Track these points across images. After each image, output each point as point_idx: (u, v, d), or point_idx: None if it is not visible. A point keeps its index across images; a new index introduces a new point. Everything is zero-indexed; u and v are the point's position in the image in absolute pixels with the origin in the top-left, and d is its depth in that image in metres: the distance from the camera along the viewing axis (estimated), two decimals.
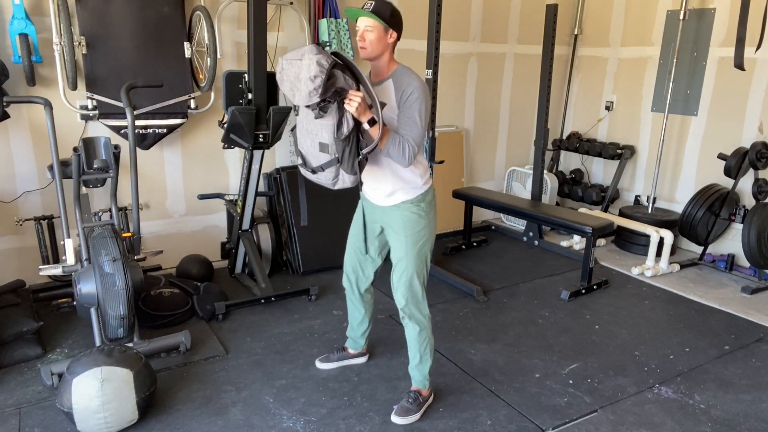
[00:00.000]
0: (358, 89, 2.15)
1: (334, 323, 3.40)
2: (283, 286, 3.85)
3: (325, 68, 2.03)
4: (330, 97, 2.10)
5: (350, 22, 4.23)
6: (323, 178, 2.30)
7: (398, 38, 2.33)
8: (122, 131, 3.57)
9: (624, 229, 4.76)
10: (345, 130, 2.15)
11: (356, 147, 2.20)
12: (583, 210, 4.95)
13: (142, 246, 3.30)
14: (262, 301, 3.61)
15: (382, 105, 2.27)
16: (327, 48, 2.18)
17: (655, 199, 4.82)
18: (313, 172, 2.32)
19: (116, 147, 3.07)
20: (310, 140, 2.26)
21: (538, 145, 4.78)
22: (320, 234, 4.15)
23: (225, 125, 3.35)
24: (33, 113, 3.47)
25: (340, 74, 2.11)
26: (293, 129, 2.38)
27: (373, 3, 2.25)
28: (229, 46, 3.98)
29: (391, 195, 2.42)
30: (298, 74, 2.08)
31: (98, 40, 3.44)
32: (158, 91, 3.53)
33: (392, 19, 2.27)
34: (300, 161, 2.37)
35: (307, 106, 2.15)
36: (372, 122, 2.16)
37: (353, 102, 2.10)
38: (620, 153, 5.17)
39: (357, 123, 2.17)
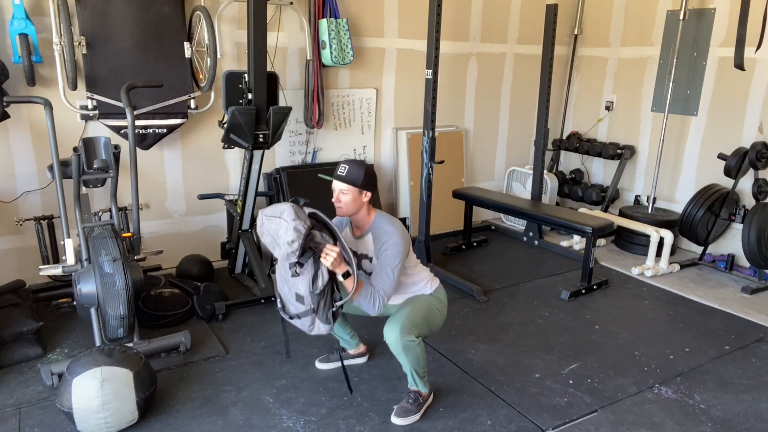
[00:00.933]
0: (335, 244, 2.26)
1: None
2: None
3: (302, 234, 2.14)
4: (306, 255, 2.22)
5: (350, 22, 4.23)
6: (299, 324, 2.39)
7: (373, 194, 2.46)
8: (122, 131, 3.57)
9: (624, 229, 4.76)
10: (320, 283, 2.25)
11: (331, 299, 2.30)
12: (583, 210, 4.95)
13: (142, 246, 3.30)
14: (262, 301, 3.61)
15: (364, 257, 2.45)
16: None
17: (655, 199, 4.82)
18: (291, 318, 2.41)
19: (116, 147, 3.07)
20: (287, 288, 2.36)
21: (538, 145, 4.78)
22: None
23: (225, 125, 3.35)
24: (33, 113, 3.47)
25: (317, 233, 2.24)
26: (271, 272, 2.51)
27: (347, 168, 2.38)
28: (229, 46, 3.98)
29: (401, 298, 2.59)
30: (277, 231, 2.20)
31: (98, 40, 3.44)
32: (158, 91, 3.53)
33: (365, 182, 2.39)
34: (279, 305, 2.44)
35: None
36: (346, 275, 2.27)
37: (329, 256, 2.20)
38: (620, 153, 5.17)
39: (332, 275, 2.28)
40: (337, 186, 2.40)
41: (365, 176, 2.39)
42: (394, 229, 2.40)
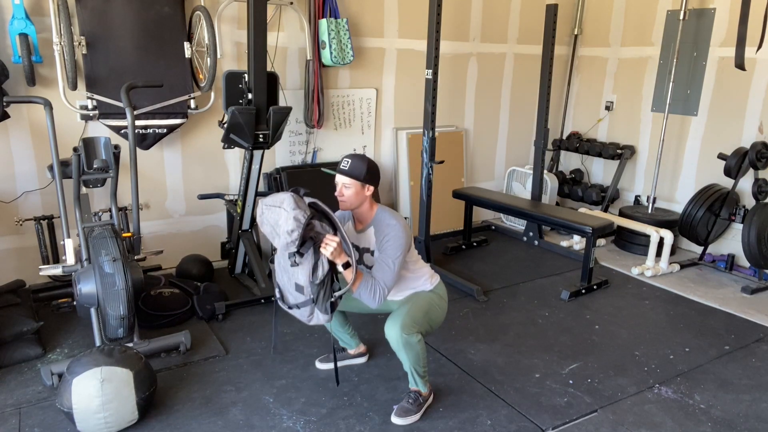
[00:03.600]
0: (335, 234, 2.26)
1: None
2: None
3: (301, 223, 2.14)
4: (306, 245, 2.21)
5: (350, 22, 4.23)
6: (299, 314, 2.38)
7: (376, 188, 2.46)
8: (122, 131, 3.57)
9: (624, 229, 4.76)
10: (320, 273, 2.25)
11: (330, 289, 2.29)
12: (583, 210, 4.95)
13: (142, 246, 3.30)
14: (262, 301, 3.61)
15: (366, 251, 2.45)
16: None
17: (655, 199, 4.82)
18: (290, 308, 2.40)
19: (116, 147, 3.07)
20: (287, 278, 2.36)
21: (538, 145, 4.78)
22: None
23: (225, 125, 3.35)
24: (33, 113, 3.47)
25: (317, 223, 2.24)
26: (271, 260, 2.49)
27: (350, 162, 2.39)
28: (229, 46, 3.98)
29: (401, 294, 2.59)
30: (277, 220, 2.20)
31: (98, 40, 3.44)
32: (158, 91, 3.53)
33: (368, 176, 2.40)
34: (278, 295, 2.44)
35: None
36: (346, 265, 2.27)
37: (329, 246, 2.20)
38: (620, 153, 5.17)
39: (332, 266, 2.27)
40: (340, 180, 2.41)
41: (368, 170, 2.39)
42: (396, 222, 2.40)
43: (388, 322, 2.44)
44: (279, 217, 2.18)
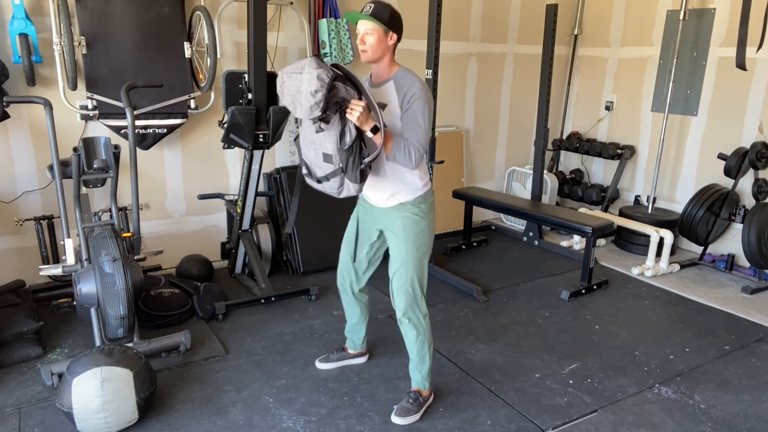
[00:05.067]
0: (360, 99, 2.16)
1: (334, 323, 3.40)
2: (283, 286, 3.85)
3: (325, 83, 2.04)
4: (331, 109, 2.11)
5: (350, 23, 4.23)
6: (328, 188, 2.32)
7: (399, 40, 2.33)
8: (122, 131, 3.57)
9: (624, 229, 4.76)
10: (348, 140, 2.16)
11: (359, 156, 2.20)
12: (583, 210, 4.95)
13: (142, 246, 3.30)
14: (262, 301, 3.61)
15: (383, 106, 2.28)
16: (326, 59, 2.21)
17: (655, 199, 4.82)
18: (318, 181, 2.33)
19: (116, 147, 3.07)
20: (314, 151, 2.27)
21: (538, 145, 4.78)
22: (320, 234, 4.16)
23: (225, 125, 3.35)
24: (33, 113, 3.47)
25: (341, 86, 2.12)
26: (296, 138, 2.39)
27: (372, 6, 2.26)
28: (229, 46, 3.98)
29: (391, 196, 2.42)
30: (298, 88, 2.10)
31: (98, 40, 3.44)
32: (158, 91, 3.53)
33: (392, 21, 2.27)
34: (305, 171, 2.37)
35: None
36: (375, 130, 2.17)
37: (355, 111, 2.10)
38: (620, 153, 5.17)
39: (359, 132, 2.18)
40: (362, 26, 2.26)
41: (391, 15, 2.26)
42: (419, 81, 2.29)
43: (394, 298, 2.46)
44: (301, 83, 2.07)
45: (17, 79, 3.34)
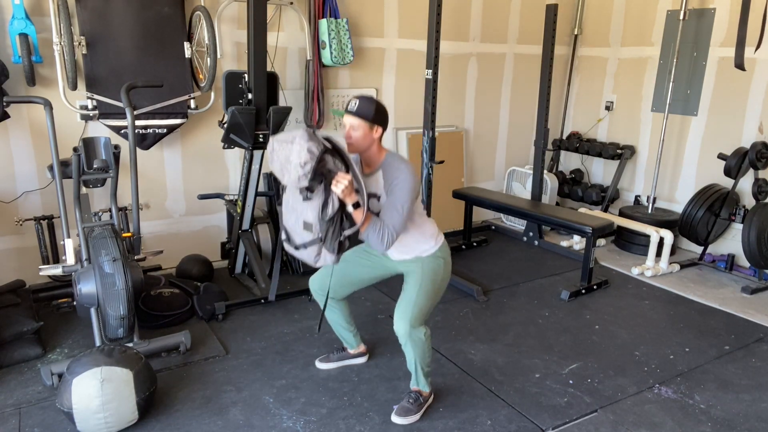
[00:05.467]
0: (347, 172, 2.22)
1: None
2: (283, 286, 3.84)
3: (315, 155, 2.10)
4: (317, 179, 2.16)
5: (350, 22, 4.23)
6: (305, 255, 2.35)
7: (384, 130, 2.40)
8: (122, 131, 3.57)
9: (624, 229, 4.76)
10: (330, 211, 2.21)
11: (339, 228, 2.26)
12: (583, 210, 4.95)
13: (142, 246, 3.30)
14: (262, 301, 3.61)
15: (373, 195, 2.38)
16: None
17: (655, 199, 4.82)
18: (296, 248, 2.36)
19: (116, 147, 3.07)
20: (294, 218, 2.31)
21: (538, 145, 4.78)
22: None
23: (225, 125, 3.35)
24: (33, 113, 3.47)
25: (330, 158, 2.19)
26: (279, 203, 2.46)
27: (358, 103, 2.33)
28: (229, 46, 3.98)
29: (406, 254, 2.52)
30: (288, 156, 2.14)
31: (98, 40, 3.44)
32: (158, 91, 3.53)
33: (376, 116, 2.34)
34: (284, 236, 2.41)
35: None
36: (356, 205, 2.23)
37: (340, 184, 2.16)
38: (620, 153, 5.17)
39: (342, 205, 2.24)
40: (348, 121, 2.34)
41: (376, 111, 2.33)
42: (405, 167, 2.34)
43: (396, 314, 2.44)
44: (291, 153, 2.12)
45: (17, 79, 3.34)
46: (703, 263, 4.52)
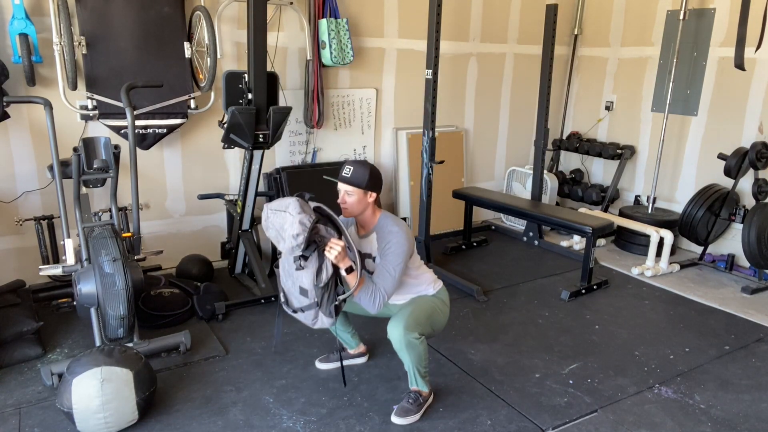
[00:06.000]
0: (340, 238, 2.28)
1: None
2: None
3: (307, 227, 2.16)
4: (310, 247, 2.22)
5: (350, 22, 4.23)
6: (303, 318, 2.41)
7: (378, 194, 2.46)
8: (122, 131, 3.57)
9: (624, 229, 4.76)
10: (324, 277, 2.27)
11: (334, 293, 2.31)
12: (583, 210, 4.95)
13: (142, 246, 3.30)
14: (262, 301, 3.61)
15: (367, 256, 2.46)
16: (309, 198, 2.32)
17: (655, 199, 4.82)
18: (294, 311, 2.42)
19: (116, 147, 3.07)
20: (291, 282, 2.37)
21: (538, 145, 4.78)
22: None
23: (225, 125, 3.35)
24: (33, 113, 3.47)
25: (322, 227, 2.26)
26: (276, 266, 2.52)
27: (352, 170, 2.39)
28: (229, 46, 3.98)
29: (404, 299, 2.60)
30: (282, 224, 2.22)
31: (98, 40, 3.44)
32: (158, 91, 3.53)
33: (370, 182, 2.41)
34: (282, 299, 2.46)
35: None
36: (350, 270, 2.29)
37: (333, 250, 2.22)
38: (620, 153, 5.17)
39: (336, 269, 2.29)
40: (342, 187, 2.42)
41: (370, 177, 2.40)
42: (398, 230, 2.41)
43: (390, 323, 2.45)
44: (284, 222, 2.20)
45: (17, 79, 3.34)
46: (703, 263, 4.52)
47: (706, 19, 4.53)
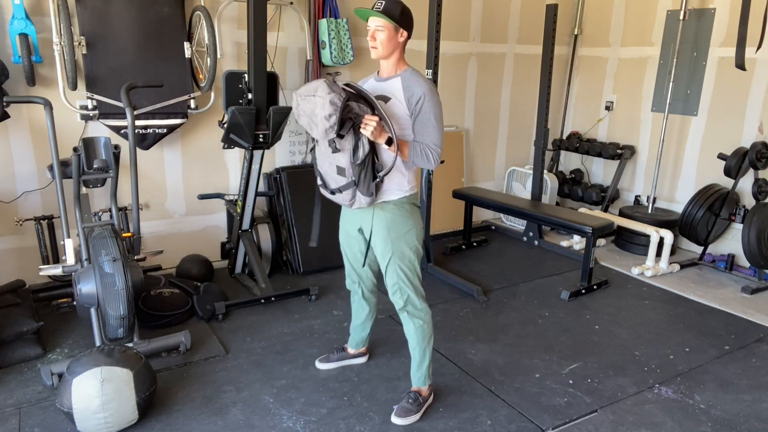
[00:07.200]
0: (373, 113, 2.21)
1: (334, 323, 3.40)
2: (283, 286, 3.85)
3: (338, 106, 2.11)
4: (345, 126, 2.17)
5: (350, 22, 4.23)
6: (341, 199, 2.38)
7: (409, 37, 2.36)
8: (122, 131, 3.57)
9: (624, 229, 4.76)
10: (361, 154, 2.22)
11: (372, 170, 2.27)
12: (583, 210, 4.95)
13: (142, 246, 3.30)
14: (262, 301, 3.61)
15: (386, 99, 2.33)
16: (336, 76, 2.27)
17: (655, 199, 4.82)
18: (332, 193, 2.39)
19: (116, 147, 3.07)
20: (328, 163, 2.33)
21: (538, 145, 4.78)
22: (320, 234, 4.14)
23: (225, 125, 3.35)
24: (33, 113, 3.47)
25: (354, 104, 2.18)
26: (312, 149, 2.47)
27: (384, 2, 2.28)
28: (229, 46, 3.98)
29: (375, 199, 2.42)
30: (313, 110, 2.17)
31: (98, 40, 3.44)
32: (158, 91, 3.53)
33: (402, 18, 2.30)
34: (319, 182, 2.43)
35: None
36: (389, 142, 2.23)
37: (369, 126, 2.16)
38: (620, 153, 5.17)
39: (372, 146, 2.24)
40: (373, 23, 2.28)
41: (402, 12, 2.28)
42: (427, 82, 2.32)
43: (389, 292, 2.47)
44: (315, 106, 2.15)
45: (17, 79, 3.34)
46: (703, 263, 4.52)
47: (706, 19, 4.53)
